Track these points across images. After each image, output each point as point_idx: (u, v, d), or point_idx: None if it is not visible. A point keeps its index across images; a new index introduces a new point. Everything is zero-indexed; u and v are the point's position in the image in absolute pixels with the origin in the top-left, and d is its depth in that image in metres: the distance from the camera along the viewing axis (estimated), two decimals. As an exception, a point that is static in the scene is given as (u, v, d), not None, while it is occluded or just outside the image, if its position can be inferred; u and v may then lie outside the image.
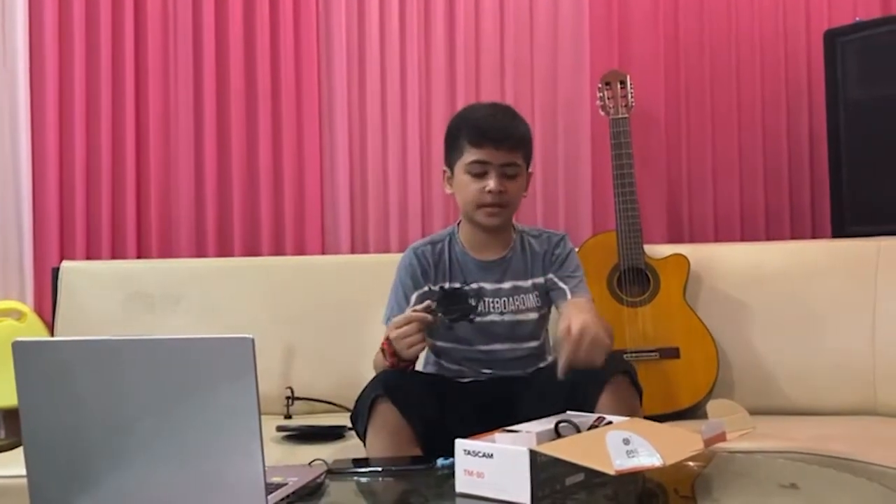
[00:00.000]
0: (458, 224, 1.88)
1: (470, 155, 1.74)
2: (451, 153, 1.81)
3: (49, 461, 1.11)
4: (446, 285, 1.71)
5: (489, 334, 1.81)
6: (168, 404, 1.10)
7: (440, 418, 1.63)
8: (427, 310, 1.60)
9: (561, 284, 1.81)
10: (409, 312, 1.64)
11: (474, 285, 1.78)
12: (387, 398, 1.57)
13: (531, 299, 1.82)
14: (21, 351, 1.10)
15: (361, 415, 1.60)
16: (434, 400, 1.68)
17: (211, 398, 1.09)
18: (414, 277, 1.81)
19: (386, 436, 1.56)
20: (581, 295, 1.80)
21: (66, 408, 1.10)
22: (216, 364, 1.09)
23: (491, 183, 1.72)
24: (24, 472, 1.10)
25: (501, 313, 1.80)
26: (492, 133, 1.73)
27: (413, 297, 1.78)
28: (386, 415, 1.56)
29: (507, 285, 1.81)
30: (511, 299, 1.81)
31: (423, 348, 1.65)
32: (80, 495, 1.11)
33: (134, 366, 1.10)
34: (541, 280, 1.83)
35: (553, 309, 1.87)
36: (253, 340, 1.07)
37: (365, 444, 1.62)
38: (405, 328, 1.58)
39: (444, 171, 1.85)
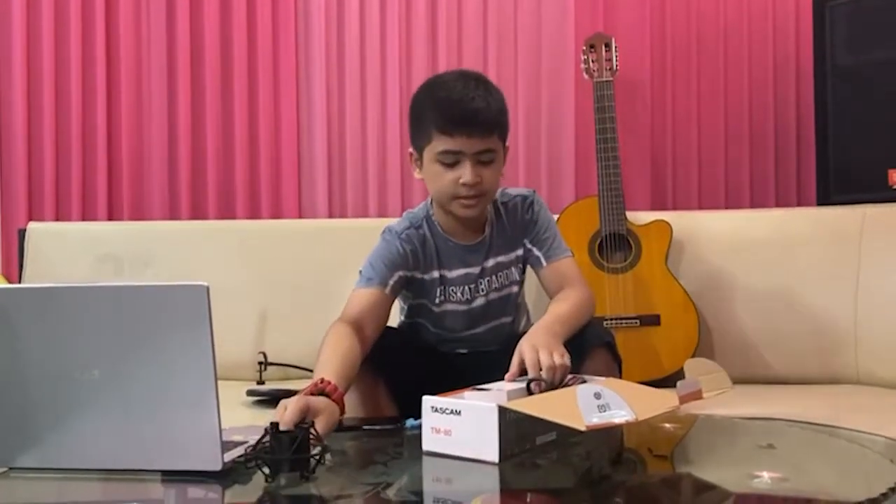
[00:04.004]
0: (431, 203, 1.71)
1: (440, 143, 1.54)
2: (418, 136, 1.61)
3: (-9, 415, 1.06)
4: (280, 426, 1.08)
5: (476, 317, 1.74)
6: (118, 355, 1.05)
7: (415, 378, 1.58)
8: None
9: (535, 251, 1.73)
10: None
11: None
12: None
13: (514, 273, 1.76)
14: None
15: None
16: (410, 360, 1.63)
17: (164, 349, 1.04)
18: (395, 263, 1.65)
19: (358, 392, 1.52)
20: (556, 257, 1.72)
21: (8, 359, 1.05)
22: (169, 313, 1.04)
23: (466, 174, 1.54)
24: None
25: (487, 294, 1.73)
26: (463, 119, 1.53)
27: (391, 282, 1.63)
28: (359, 371, 1.50)
29: (490, 264, 1.73)
30: (495, 277, 1.73)
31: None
32: (24, 451, 1.07)
33: (81, 315, 1.05)
34: (520, 252, 1.76)
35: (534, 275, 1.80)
36: (207, 288, 1.01)
37: None
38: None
39: (412, 154, 1.65)
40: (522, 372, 1.37)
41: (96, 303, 1.05)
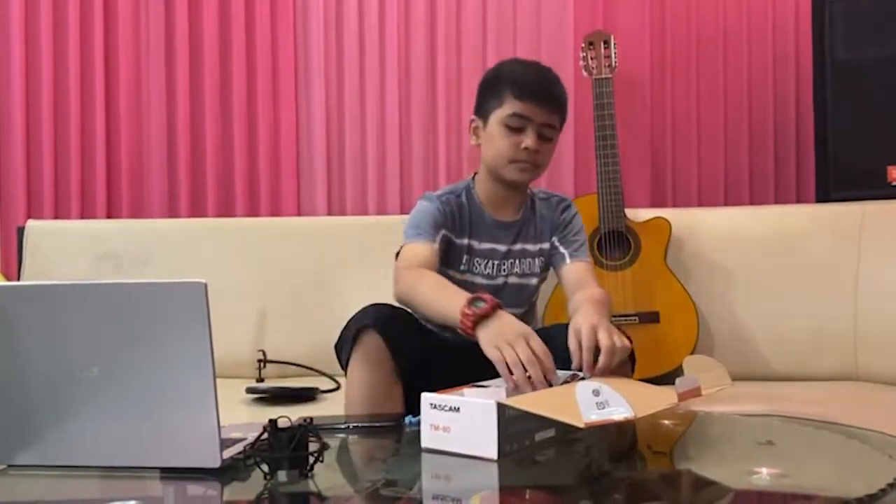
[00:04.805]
0: (474, 178, 1.80)
1: (511, 107, 1.66)
2: (488, 102, 1.71)
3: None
4: (279, 421, 1.06)
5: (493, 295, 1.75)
6: (117, 352, 1.05)
7: (424, 360, 1.57)
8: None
9: (561, 249, 1.78)
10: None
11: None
12: (373, 329, 1.52)
13: (536, 264, 1.79)
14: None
15: (346, 343, 1.56)
16: (421, 342, 1.62)
17: (162, 346, 1.04)
18: (438, 222, 1.69)
19: (368, 366, 1.52)
20: (579, 259, 1.77)
21: (7, 357, 1.05)
22: (167, 310, 1.04)
23: (528, 140, 1.65)
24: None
25: (507, 276, 1.76)
26: (539, 88, 1.67)
27: (437, 238, 1.67)
28: (370, 345, 1.52)
29: (517, 247, 1.77)
30: (518, 262, 1.77)
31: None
32: (23, 448, 1.07)
33: (79, 312, 1.05)
34: (546, 246, 1.79)
35: (554, 274, 1.81)
36: (205, 285, 1.01)
37: (346, 374, 1.57)
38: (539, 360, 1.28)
39: (472, 121, 1.76)
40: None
41: (95, 300, 1.05)
